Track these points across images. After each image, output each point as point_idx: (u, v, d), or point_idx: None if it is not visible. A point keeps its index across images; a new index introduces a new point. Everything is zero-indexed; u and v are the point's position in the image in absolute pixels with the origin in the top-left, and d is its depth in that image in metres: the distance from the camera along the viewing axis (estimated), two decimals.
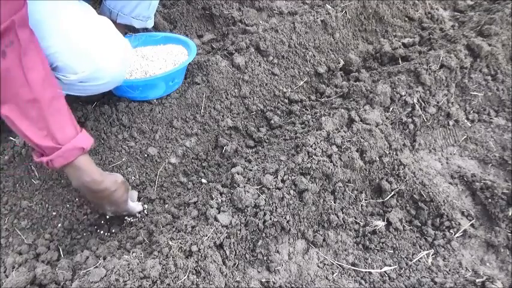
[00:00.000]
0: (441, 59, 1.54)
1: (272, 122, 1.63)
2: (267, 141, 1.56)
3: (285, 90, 1.74)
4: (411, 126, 1.49)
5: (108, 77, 1.23)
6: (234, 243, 1.13)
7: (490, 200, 1.32)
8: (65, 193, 1.35)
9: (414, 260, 1.21)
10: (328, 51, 1.87)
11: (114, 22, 1.54)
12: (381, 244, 1.25)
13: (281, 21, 1.97)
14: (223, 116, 1.60)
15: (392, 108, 1.48)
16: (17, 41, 0.90)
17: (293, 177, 1.23)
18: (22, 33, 0.91)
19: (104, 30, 1.21)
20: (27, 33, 0.94)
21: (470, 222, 1.28)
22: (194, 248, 1.04)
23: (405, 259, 1.22)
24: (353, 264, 1.21)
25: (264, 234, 1.16)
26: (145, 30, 1.74)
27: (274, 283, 1.13)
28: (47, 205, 1.31)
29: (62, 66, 1.13)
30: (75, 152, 1.07)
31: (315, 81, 1.81)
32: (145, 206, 1.36)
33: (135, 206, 1.32)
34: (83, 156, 1.10)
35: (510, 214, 1.27)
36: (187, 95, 1.57)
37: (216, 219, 1.13)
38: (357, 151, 1.31)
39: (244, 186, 1.20)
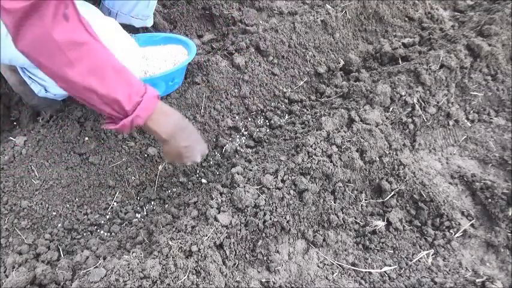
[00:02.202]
0: (441, 59, 1.54)
1: (272, 122, 1.63)
2: (267, 141, 1.56)
3: (285, 90, 1.74)
4: (411, 126, 1.49)
5: None
6: (234, 243, 1.13)
7: (490, 200, 1.32)
8: (65, 193, 1.35)
9: (414, 260, 1.21)
10: (328, 51, 1.87)
11: None
12: (381, 244, 1.25)
13: (281, 21, 1.97)
14: (223, 116, 1.60)
15: (392, 108, 1.48)
16: (70, 3, 0.88)
17: (293, 177, 1.23)
18: None
19: (116, 32, 1.21)
20: None
21: (470, 222, 1.28)
22: (194, 248, 1.04)
23: (405, 259, 1.22)
24: (353, 264, 1.21)
25: (264, 234, 1.16)
26: (145, 30, 1.74)
27: (274, 283, 1.13)
28: (47, 205, 1.31)
29: None
30: (154, 100, 1.02)
31: (315, 81, 1.80)
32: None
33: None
34: (160, 102, 1.06)
35: (510, 214, 1.27)
36: (187, 95, 1.57)
37: (216, 219, 1.13)
38: (357, 151, 1.31)
39: (244, 186, 1.20)
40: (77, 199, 1.35)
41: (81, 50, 0.89)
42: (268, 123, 1.65)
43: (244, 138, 1.60)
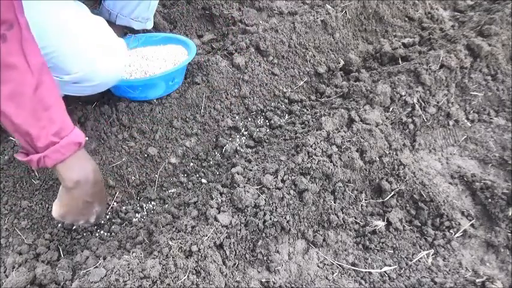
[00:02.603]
0: (441, 59, 1.54)
1: (272, 122, 1.63)
2: (267, 141, 1.56)
3: (285, 90, 1.74)
4: (411, 126, 1.49)
5: (102, 78, 1.21)
6: (234, 243, 1.13)
7: (490, 200, 1.32)
8: None
9: (414, 260, 1.21)
10: (328, 51, 1.87)
11: (114, 24, 1.54)
12: (381, 244, 1.25)
13: (281, 21, 1.97)
14: (223, 116, 1.60)
15: (392, 108, 1.48)
16: (17, 25, 0.86)
17: (293, 177, 1.23)
18: (22, 18, 0.87)
19: (100, 31, 1.21)
20: (25, 19, 0.89)
21: (470, 222, 1.28)
22: (194, 248, 1.04)
23: (405, 259, 1.22)
24: (353, 264, 1.21)
25: (264, 234, 1.16)
26: (145, 30, 1.74)
27: (274, 283, 1.13)
28: (47, 205, 1.31)
29: (55, 67, 1.11)
30: (73, 147, 0.99)
31: (315, 81, 1.81)
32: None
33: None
34: (80, 151, 1.03)
35: (510, 214, 1.27)
36: (187, 95, 1.57)
37: (216, 219, 1.13)
38: (357, 151, 1.31)
39: (244, 186, 1.20)
40: None
41: (8, 74, 0.86)
42: (268, 123, 1.65)
43: (244, 138, 1.60)
